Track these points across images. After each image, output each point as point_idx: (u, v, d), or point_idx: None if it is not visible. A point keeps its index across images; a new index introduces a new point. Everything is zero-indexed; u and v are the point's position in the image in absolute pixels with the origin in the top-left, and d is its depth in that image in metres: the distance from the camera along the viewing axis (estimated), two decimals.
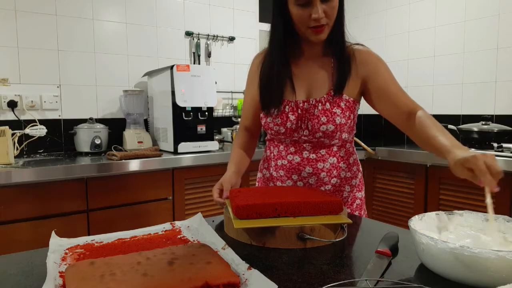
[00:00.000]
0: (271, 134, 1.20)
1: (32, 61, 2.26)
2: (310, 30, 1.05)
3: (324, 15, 1.02)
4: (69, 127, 2.34)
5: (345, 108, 1.11)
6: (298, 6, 1.02)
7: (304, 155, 1.15)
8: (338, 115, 1.10)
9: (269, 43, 1.16)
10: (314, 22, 1.03)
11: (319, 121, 1.10)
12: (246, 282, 0.64)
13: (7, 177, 1.67)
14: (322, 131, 1.11)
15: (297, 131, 1.13)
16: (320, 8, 1.01)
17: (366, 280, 0.65)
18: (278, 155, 1.20)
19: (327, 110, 1.10)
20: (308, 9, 1.02)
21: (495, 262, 0.61)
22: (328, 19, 1.04)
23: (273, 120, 1.14)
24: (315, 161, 1.15)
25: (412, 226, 0.75)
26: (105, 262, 0.68)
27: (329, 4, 1.02)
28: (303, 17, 1.03)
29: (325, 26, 1.05)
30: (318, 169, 1.15)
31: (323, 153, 1.15)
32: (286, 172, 1.18)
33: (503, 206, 1.88)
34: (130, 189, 2.01)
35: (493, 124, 2.16)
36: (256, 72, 1.22)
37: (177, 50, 2.78)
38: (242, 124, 1.32)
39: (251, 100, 1.25)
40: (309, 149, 1.15)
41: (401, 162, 2.34)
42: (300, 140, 1.15)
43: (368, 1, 3.21)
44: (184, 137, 2.24)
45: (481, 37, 2.48)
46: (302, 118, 1.12)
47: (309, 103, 1.12)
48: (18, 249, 0.97)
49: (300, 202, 0.89)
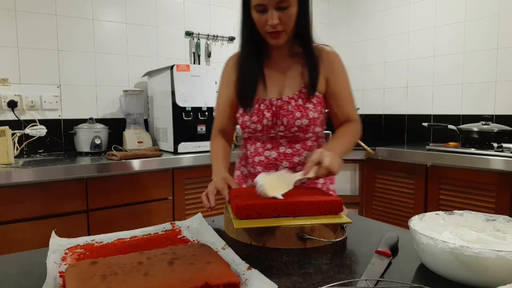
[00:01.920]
0: (249, 132, 1.23)
1: (32, 61, 2.26)
2: (268, 35, 1.12)
3: (279, 22, 1.07)
4: (69, 127, 2.34)
5: (316, 103, 1.18)
6: (257, 12, 1.09)
7: (281, 150, 1.21)
8: (311, 110, 1.17)
9: (240, 45, 1.22)
10: (270, 28, 1.09)
11: (294, 116, 1.16)
12: (246, 282, 0.64)
13: (7, 177, 1.67)
14: (297, 125, 1.17)
15: (274, 128, 1.19)
16: (275, 15, 1.07)
17: (366, 280, 0.65)
18: (255, 152, 1.24)
19: (300, 105, 1.17)
20: (265, 15, 1.08)
21: (495, 262, 0.61)
22: (284, 26, 1.09)
23: (250, 118, 1.19)
24: (291, 156, 1.20)
25: (412, 226, 0.75)
26: (105, 262, 0.68)
27: (285, 12, 1.08)
28: (261, 22, 1.10)
29: (282, 32, 1.10)
30: (294, 163, 1.20)
31: (298, 147, 1.21)
32: (264, 168, 1.22)
33: (503, 206, 1.88)
34: (130, 189, 2.01)
35: (493, 124, 2.16)
36: (230, 74, 1.26)
37: (177, 50, 2.78)
38: (217, 126, 1.32)
39: (227, 101, 1.27)
40: (285, 144, 1.21)
41: (401, 162, 2.34)
42: (277, 136, 1.20)
43: (368, 1, 3.21)
44: (184, 137, 2.24)
45: (481, 37, 2.48)
46: (277, 114, 1.17)
47: (282, 100, 1.18)
48: (18, 249, 0.97)
49: (300, 202, 0.90)
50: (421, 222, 0.80)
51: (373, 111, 3.19)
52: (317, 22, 3.50)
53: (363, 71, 3.26)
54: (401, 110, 2.98)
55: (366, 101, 3.23)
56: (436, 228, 0.80)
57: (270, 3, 1.05)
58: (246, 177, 1.30)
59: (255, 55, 1.20)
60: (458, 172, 2.05)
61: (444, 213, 0.84)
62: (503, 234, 0.76)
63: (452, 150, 2.14)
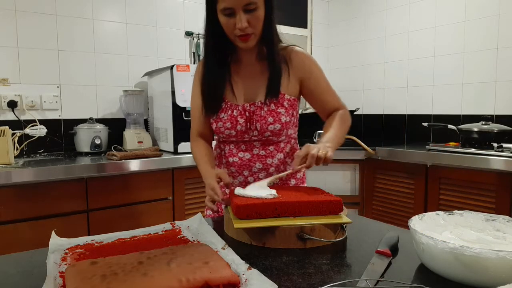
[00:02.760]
0: (223, 137, 1.24)
1: (32, 61, 2.26)
2: (237, 38, 1.11)
3: (247, 24, 1.06)
4: (69, 127, 2.34)
5: (288, 107, 1.19)
6: (224, 15, 1.08)
7: (254, 152, 1.22)
8: (283, 114, 1.18)
9: (204, 50, 1.22)
10: (239, 31, 1.08)
11: (267, 121, 1.17)
12: (246, 282, 0.64)
13: (7, 177, 1.67)
14: (270, 130, 1.18)
15: (247, 133, 1.19)
16: (243, 18, 1.06)
17: (366, 280, 0.65)
18: (229, 152, 1.24)
19: (272, 110, 1.17)
20: (233, 19, 1.07)
21: (495, 262, 0.61)
22: (253, 28, 1.09)
23: (223, 124, 1.19)
24: (265, 157, 1.22)
25: (412, 226, 0.75)
26: (105, 262, 0.68)
27: (253, 14, 1.07)
28: (229, 26, 1.09)
29: (251, 34, 1.10)
30: (268, 164, 1.22)
31: (271, 149, 1.22)
32: (238, 168, 1.23)
33: (503, 206, 1.88)
34: (130, 189, 2.01)
35: (493, 124, 2.16)
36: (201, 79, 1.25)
37: (177, 50, 2.78)
38: (195, 130, 1.31)
39: (199, 106, 1.26)
40: (259, 146, 1.22)
41: (401, 162, 2.34)
42: (250, 140, 1.21)
43: (368, 1, 3.21)
44: (184, 137, 2.24)
45: (481, 37, 2.48)
46: (251, 120, 1.18)
47: (255, 105, 1.18)
48: (18, 249, 0.97)
49: (300, 202, 0.90)
50: (421, 222, 0.80)
51: (373, 111, 3.19)
52: (317, 22, 3.50)
53: (363, 71, 3.26)
54: (401, 110, 2.98)
55: (366, 101, 3.23)
56: (436, 228, 0.80)
57: (238, 6, 1.04)
58: None
59: (221, 60, 1.20)
60: (458, 172, 2.05)
61: (444, 213, 0.84)
62: (503, 234, 0.76)
63: (452, 150, 2.14)
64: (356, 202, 2.60)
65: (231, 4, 1.04)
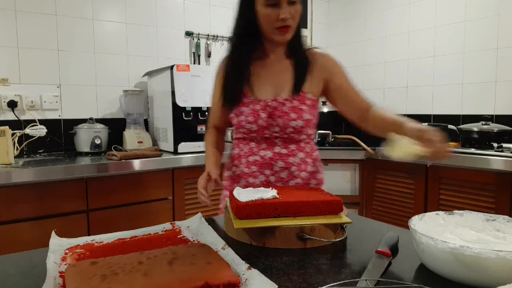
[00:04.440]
0: (243, 132, 1.24)
1: (32, 61, 2.26)
2: (276, 30, 1.12)
3: (290, 16, 1.10)
4: (69, 127, 2.34)
5: (310, 106, 1.20)
6: (267, 6, 1.09)
7: (276, 150, 1.21)
8: (305, 112, 1.18)
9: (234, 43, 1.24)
10: (281, 22, 1.10)
11: (289, 117, 1.17)
12: (246, 282, 0.64)
13: (7, 177, 1.67)
14: (292, 126, 1.18)
15: (269, 128, 1.19)
16: (287, 9, 1.09)
17: (366, 280, 0.65)
18: (249, 151, 1.24)
19: (295, 107, 1.17)
20: (276, 10, 1.09)
21: (495, 262, 0.61)
22: (293, 21, 1.12)
23: (245, 118, 1.20)
24: (287, 156, 1.21)
25: (412, 226, 0.75)
26: (105, 262, 0.68)
27: (294, 7, 1.10)
28: (271, 17, 1.10)
29: (290, 27, 1.12)
30: (289, 163, 1.21)
31: (293, 148, 1.22)
32: (259, 167, 1.22)
33: (503, 206, 1.88)
34: (130, 189, 2.01)
35: (493, 124, 2.16)
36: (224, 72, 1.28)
37: (177, 50, 2.78)
38: (211, 122, 1.38)
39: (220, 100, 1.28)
40: (280, 144, 1.21)
41: (401, 162, 2.34)
42: (272, 136, 1.21)
43: (368, 1, 3.21)
44: (184, 137, 2.24)
45: (481, 37, 2.48)
46: (273, 115, 1.18)
47: (277, 101, 1.18)
48: (18, 249, 0.97)
49: (300, 202, 0.90)
50: (421, 222, 0.80)
51: None
52: (317, 22, 3.50)
53: (363, 71, 3.26)
54: (401, 110, 2.98)
55: None
56: (436, 228, 0.80)
57: None
58: (238, 177, 1.28)
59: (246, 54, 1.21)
60: (458, 172, 2.05)
61: (444, 213, 0.84)
62: (503, 234, 0.76)
63: (452, 150, 2.13)
64: (356, 202, 2.60)
65: None
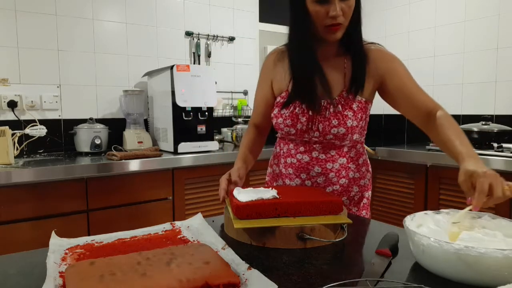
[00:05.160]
0: (282, 134, 1.20)
1: (32, 61, 2.26)
2: (326, 29, 1.04)
3: (341, 13, 1.01)
4: (69, 127, 2.34)
5: (357, 110, 1.11)
6: (317, 3, 1.01)
7: (314, 155, 1.15)
8: (349, 118, 1.10)
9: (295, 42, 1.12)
10: (331, 20, 1.01)
11: (330, 123, 1.10)
12: (246, 282, 0.64)
13: (7, 177, 1.67)
14: (333, 133, 1.10)
15: (308, 132, 1.13)
16: (338, 6, 1.00)
17: (366, 280, 0.65)
18: (287, 152, 1.20)
19: (338, 112, 1.10)
20: (326, 7, 1.01)
21: (499, 262, 0.61)
22: (345, 18, 1.03)
23: (284, 121, 1.14)
24: (324, 161, 1.15)
25: (409, 227, 0.75)
26: (105, 262, 0.68)
27: (347, 3, 1.01)
28: (321, 14, 1.01)
29: (341, 25, 1.03)
30: (327, 169, 1.15)
31: (333, 153, 1.15)
32: (295, 170, 1.18)
33: (503, 206, 1.87)
34: (130, 189, 2.01)
35: (493, 124, 2.16)
36: (271, 70, 1.21)
37: (177, 50, 2.78)
38: (252, 120, 1.30)
39: (263, 98, 1.24)
40: (319, 149, 1.15)
41: (401, 162, 2.34)
42: (311, 141, 1.15)
43: (368, 1, 3.20)
44: (184, 137, 2.24)
45: (481, 37, 2.48)
46: (313, 120, 1.11)
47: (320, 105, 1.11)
48: (18, 249, 0.97)
49: (300, 202, 0.90)
50: (412, 222, 0.80)
51: (373, 111, 3.14)
52: None
53: None
54: None
55: None
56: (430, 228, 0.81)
57: None
58: (277, 176, 1.27)
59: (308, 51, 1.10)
60: (458, 172, 2.05)
61: (432, 212, 0.85)
62: (492, 232, 0.77)
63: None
64: None
65: None
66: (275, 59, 1.20)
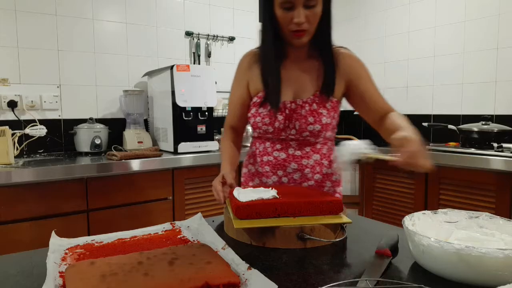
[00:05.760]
0: (259, 133, 1.23)
1: (32, 61, 2.26)
2: (292, 34, 1.09)
3: (305, 20, 1.05)
4: (69, 127, 2.34)
5: (330, 109, 1.17)
6: (283, 9, 1.06)
7: (290, 152, 1.20)
8: (324, 116, 1.15)
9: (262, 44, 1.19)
10: (295, 26, 1.06)
11: (307, 121, 1.15)
12: (246, 282, 0.64)
13: (7, 177, 1.67)
14: (309, 130, 1.16)
15: (285, 131, 1.17)
16: (302, 13, 1.04)
17: (366, 280, 0.65)
18: (264, 151, 1.23)
19: (314, 110, 1.15)
20: (291, 13, 1.05)
21: (500, 261, 0.61)
22: (310, 24, 1.07)
23: (262, 120, 1.18)
24: (300, 158, 1.20)
25: (409, 227, 0.75)
26: (105, 262, 0.68)
27: (312, 10, 1.06)
28: (286, 20, 1.07)
29: (306, 31, 1.08)
30: (303, 165, 1.20)
31: (307, 150, 1.20)
32: (272, 168, 1.22)
33: (503, 206, 1.88)
34: (130, 189, 2.01)
35: (493, 124, 2.16)
36: (246, 72, 1.24)
37: (177, 50, 2.78)
38: (228, 123, 1.32)
39: (240, 99, 1.27)
40: (295, 146, 1.19)
41: None
42: (287, 138, 1.19)
43: (368, 1, 3.20)
44: (184, 137, 2.24)
45: (481, 37, 2.48)
46: (290, 118, 1.16)
47: (296, 104, 1.16)
48: (18, 249, 0.97)
49: (300, 202, 0.90)
50: (410, 222, 0.80)
51: None
52: None
53: None
54: (401, 110, 2.93)
55: None
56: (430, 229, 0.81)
57: (298, 0, 1.03)
58: (253, 175, 1.29)
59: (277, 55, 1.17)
60: (458, 172, 2.05)
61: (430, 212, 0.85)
62: (490, 231, 0.77)
63: (452, 150, 2.14)
64: (356, 202, 2.60)
65: None
66: (250, 61, 1.24)
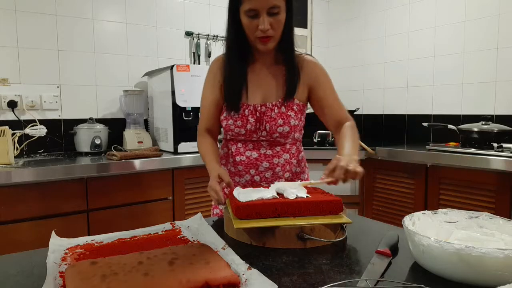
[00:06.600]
0: (232, 135, 1.26)
1: (32, 61, 2.26)
2: (257, 40, 1.14)
3: (270, 27, 1.10)
4: (69, 127, 2.34)
5: (297, 111, 1.23)
6: (248, 17, 1.11)
7: (262, 151, 1.25)
8: (292, 118, 1.21)
9: (226, 49, 1.23)
10: (260, 33, 1.11)
11: (276, 123, 1.20)
12: (246, 282, 0.64)
13: (7, 177, 1.67)
14: (279, 132, 1.21)
15: (256, 132, 1.22)
16: (266, 20, 1.09)
17: (366, 280, 0.65)
18: (236, 151, 1.26)
19: (282, 113, 1.21)
20: (256, 21, 1.10)
21: (500, 261, 0.61)
22: (274, 31, 1.12)
23: (234, 122, 1.22)
24: (271, 157, 1.25)
25: (409, 227, 0.75)
26: (105, 262, 0.68)
27: (276, 18, 1.10)
28: (251, 27, 1.12)
29: (271, 37, 1.13)
30: (274, 164, 1.25)
31: (278, 149, 1.25)
32: (245, 167, 1.25)
33: (503, 206, 1.88)
34: (130, 189, 2.01)
35: (493, 124, 2.16)
36: (215, 75, 1.27)
37: (177, 50, 2.78)
38: (203, 126, 1.31)
39: (213, 102, 1.27)
40: (266, 146, 1.25)
41: (401, 162, 2.34)
42: (258, 139, 1.24)
43: (368, 1, 3.21)
44: (184, 137, 2.24)
45: (481, 37, 2.48)
46: (261, 120, 1.21)
47: (266, 107, 1.21)
48: (18, 249, 0.97)
49: (300, 202, 0.90)
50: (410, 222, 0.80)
51: (373, 111, 3.18)
52: (317, 22, 3.50)
53: (363, 71, 3.26)
54: (401, 110, 2.98)
55: (366, 101, 3.23)
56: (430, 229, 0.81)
57: (262, 8, 1.08)
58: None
59: (241, 60, 1.22)
60: (458, 172, 2.05)
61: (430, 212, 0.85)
62: (490, 231, 0.77)
63: (452, 150, 2.14)
64: (356, 202, 2.60)
65: (256, 6, 1.08)
66: (220, 66, 1.27)
